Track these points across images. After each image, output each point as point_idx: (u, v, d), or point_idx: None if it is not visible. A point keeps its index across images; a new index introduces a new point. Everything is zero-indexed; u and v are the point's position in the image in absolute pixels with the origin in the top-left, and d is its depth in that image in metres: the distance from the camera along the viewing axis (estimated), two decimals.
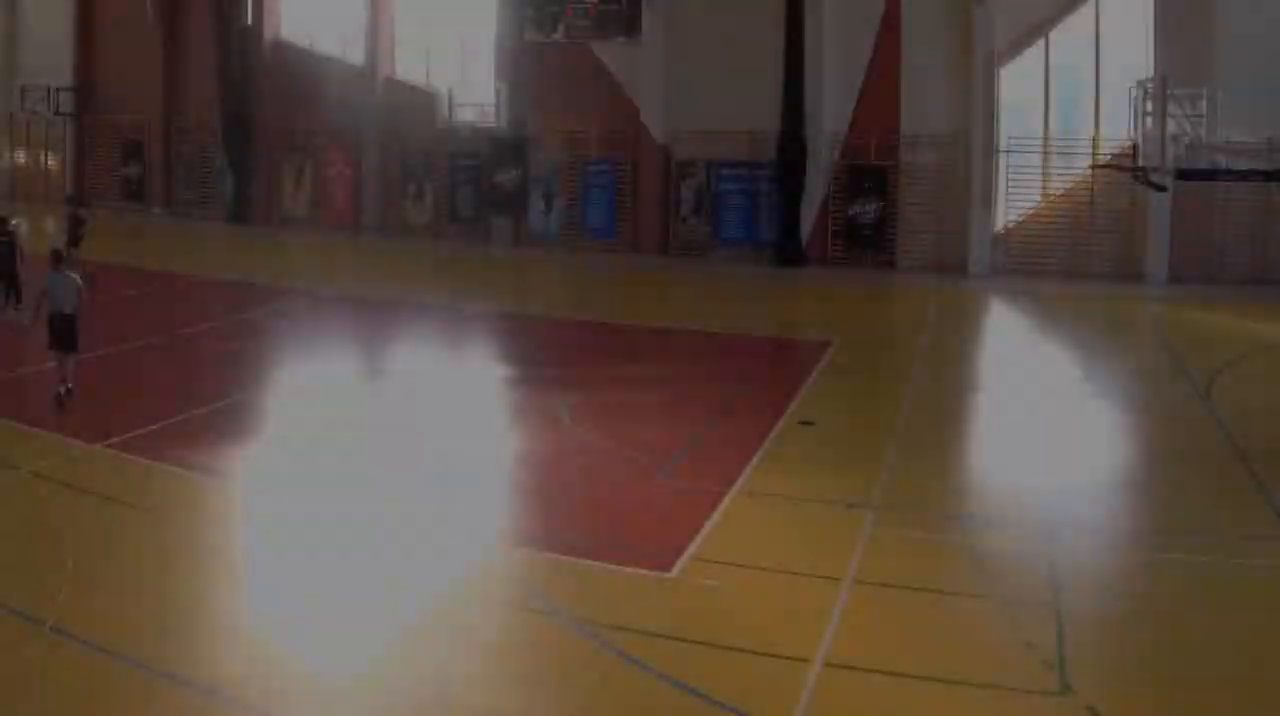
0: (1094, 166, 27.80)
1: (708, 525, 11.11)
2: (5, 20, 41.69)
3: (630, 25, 31.29)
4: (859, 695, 8.12)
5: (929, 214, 29.69)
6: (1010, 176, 29.13)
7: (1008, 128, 29.06)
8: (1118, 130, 25.67)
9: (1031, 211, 29.28)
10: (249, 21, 35.76)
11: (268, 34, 36.24)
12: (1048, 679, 8.22)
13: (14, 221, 21.49)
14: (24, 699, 7.67)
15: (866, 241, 29.86)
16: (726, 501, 11.79)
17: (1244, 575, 10.37)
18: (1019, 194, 29.34)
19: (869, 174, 29.78)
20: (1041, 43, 28.95)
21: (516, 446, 14.19)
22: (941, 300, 25.42)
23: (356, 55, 34.98)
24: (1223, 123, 20.43)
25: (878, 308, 25.92)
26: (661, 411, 15.59)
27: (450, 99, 32.42)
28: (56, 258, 15.53)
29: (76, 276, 15.26)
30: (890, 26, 29.41)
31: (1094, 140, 28.52)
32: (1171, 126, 16.32)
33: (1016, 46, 28.98)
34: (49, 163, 41.32)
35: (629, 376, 18.11)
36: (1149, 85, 16.51)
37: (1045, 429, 15.50)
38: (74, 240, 23.77)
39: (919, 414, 15.97)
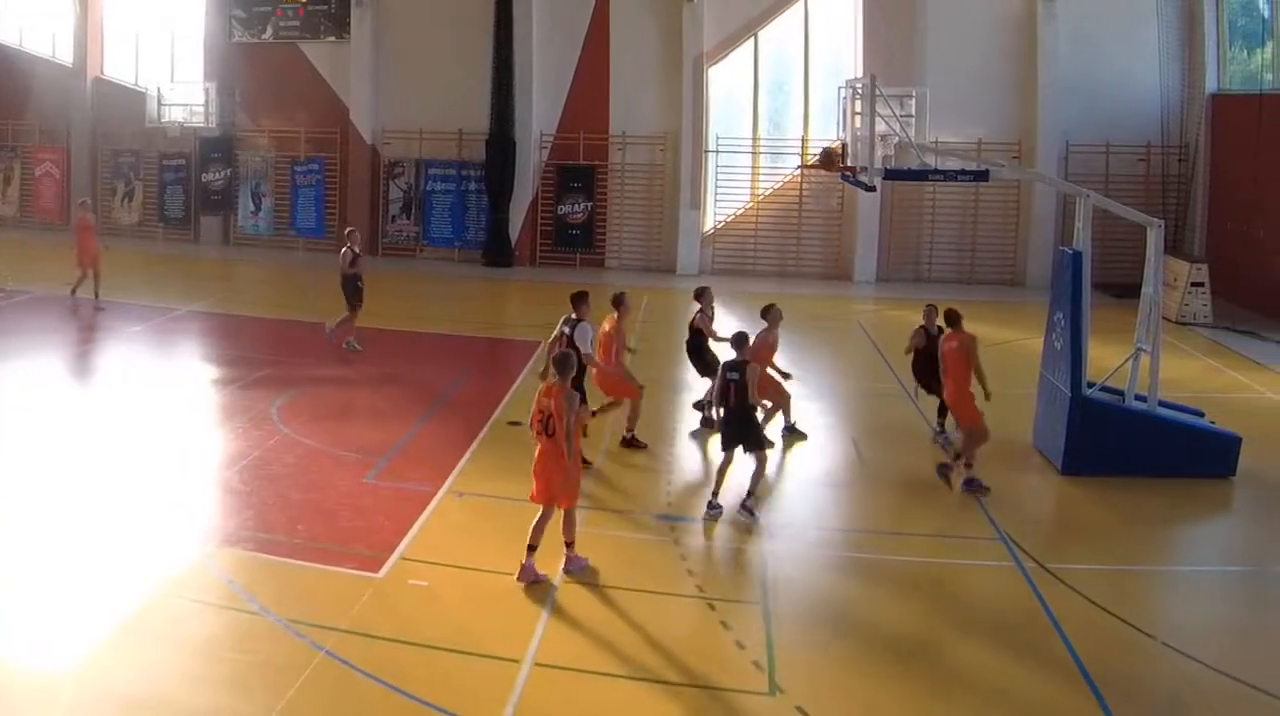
0: (803, 166, 24.22)
1: (416, 525, 10.30)
2: None
3: (339, 26, 27.17)
4: (569, 696, 7.48)
5: (638, 214, 25.92)
6: (720, 176, 25.56)
7: (717, 127, 25.45)
8: (827, 130, 23.32)
9: (741, 211, 25.74)
10: None
11: None
12: (758, 679, 7.70)
13: None
14: None
15: (575, 241, 25.85)
16: (435, 502, 10.95)
17: (951, 574, 9.60)
18: (728, 194, 25.69)
19: (578, 174, 25.67)
20: (750, 42, 25.33)
21: (225, 447, 12.70)
22: (650, 300, 22.06)
23: (65, 54, 30.14)
24: (932, 124, 19.95)
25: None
26: (371, 412, 14.22)
27: (159, 98, 28.05)
28: None
29: None
30: (599, 26, 25.56)
31: (803, 140, 25.13)
32: (880, 126, 15.64)
33: (726, 46, 25.10)
34: None
35: (339, 377, 16.23)
36: (857, 85, 15.83)
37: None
38: None
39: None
